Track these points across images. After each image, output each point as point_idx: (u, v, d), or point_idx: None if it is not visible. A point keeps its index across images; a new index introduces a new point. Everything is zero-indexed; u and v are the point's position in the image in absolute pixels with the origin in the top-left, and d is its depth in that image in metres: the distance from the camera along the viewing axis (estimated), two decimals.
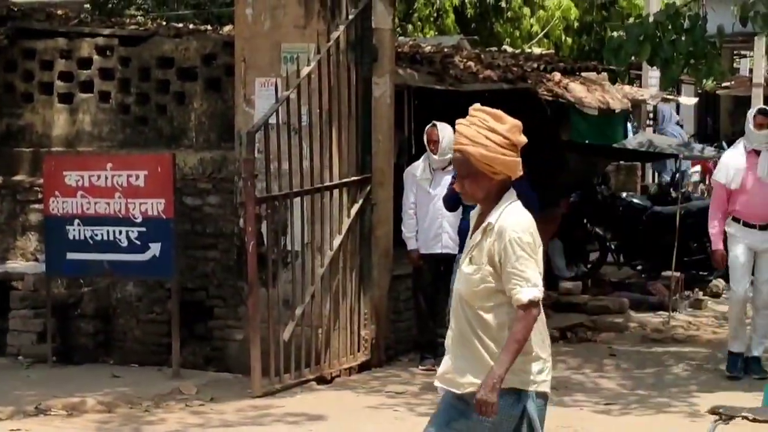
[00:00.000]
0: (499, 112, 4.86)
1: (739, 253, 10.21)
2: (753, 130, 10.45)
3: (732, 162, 10.38)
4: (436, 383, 5.06)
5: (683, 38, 13.63)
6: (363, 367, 11.06)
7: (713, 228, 10.40)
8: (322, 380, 10.89)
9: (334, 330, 10.76)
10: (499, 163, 4.71)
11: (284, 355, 10.69)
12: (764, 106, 10.88)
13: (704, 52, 13.48)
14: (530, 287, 4.62)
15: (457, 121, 4.89)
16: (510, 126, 4.76)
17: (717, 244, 10.40)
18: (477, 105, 5.05)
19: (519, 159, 4.81)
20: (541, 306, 4.74)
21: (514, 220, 4.71)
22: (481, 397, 4.57)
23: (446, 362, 4.93)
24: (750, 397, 9.81)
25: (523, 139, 4.80)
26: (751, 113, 10.81)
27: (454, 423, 4.93)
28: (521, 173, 4.90)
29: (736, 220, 10.21)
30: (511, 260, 4.63)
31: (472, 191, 4.85)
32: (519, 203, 4.87)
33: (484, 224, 4.81)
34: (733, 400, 10.16)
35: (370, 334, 11.09)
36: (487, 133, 4.70)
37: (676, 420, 9.78)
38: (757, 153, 10.24)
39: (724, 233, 10.37)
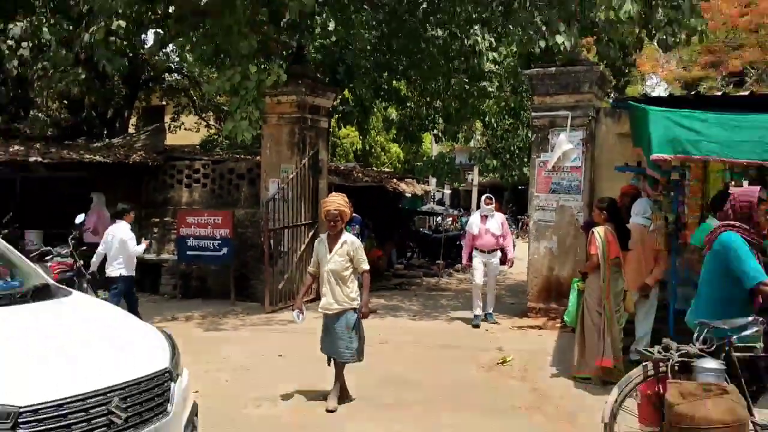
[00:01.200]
0: (343, 194, 5.84)
1: (478, 264, 9.70)
2: (483, 206, 9.91)
3: (475, 222, 9.84)
4: (320, 310, 5.80)
5: (445, 166, 13.93)
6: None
7: (466, 255, 9.98)
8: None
9: (300, 284, 10.67)
10: (348, 216, 5.69)
11: (279, 294, 10.63)
12: (489, 194, 10.59)
13: (454, 171, 13.85)
14: (366, 263, 5.76)
15: (333, 199, 5.71)
16: (347, 200, 5.74)
17: (467, 260, 10.00)
18: (334, 192, 6.19)
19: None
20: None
21: (354, 238, 5.85)
22: (365, 310, 5.76)
23: (324, 302, 5.74)
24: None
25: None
26: (483, 198, 10.24)
27: (331, 330, 5.72)
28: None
29: (476, 248, 9.71)
30: (360, 253, 5.69)
31: (338, 227, 5.65)
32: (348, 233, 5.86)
33: (341, 240, 5.63)
34: (461, 314, 10.32)
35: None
36: (346, 203, 5.68)
37: (441, 324, 9.84)
38: (486, 216, 9.75)
39: (470, 255, 9.89)
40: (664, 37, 9.65)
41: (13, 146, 11.34)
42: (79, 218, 9.38)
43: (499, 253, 9.89)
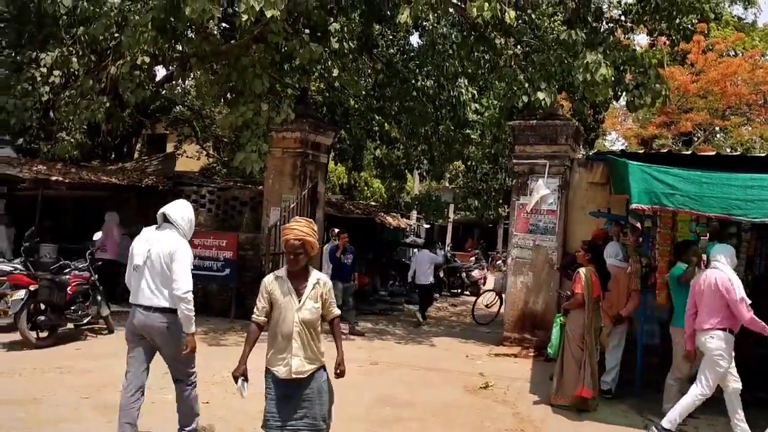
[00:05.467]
0: (311, 219, 4.11)
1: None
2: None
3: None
4: (293, 376, 3.82)
5: (432, 203, 13.98)
6: None
7: (690, 341, 5.75)
8: None
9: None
10: (316, 247, 3.94)
11: None
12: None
13: (438, 208, 13.90)
14: (336, 307, 4.09)
15: (295, 225, 3.90)
16: (316, 228, 4.03)
17: (690, 345, 5.75)
18: (298, 216, 4.13)
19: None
20: None
21: (327, 277, 4.02)
22: (343, 369, 3.98)
23: (296, 364, 3.81)
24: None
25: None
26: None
27: (296, 398, 3.87)
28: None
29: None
30: (331, 296, 3.97)
31: (301, 261, 3.86)
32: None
33: (314, 281, 3.90)
34: (450, 340, 10.28)
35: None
36: (312, 231, 3.89)
37: (425, 348, 9.77)
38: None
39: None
40: (632, 99, 9.87)
41: (36, 165, 11.18)
42: (97, 236, 9.23)
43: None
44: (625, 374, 7.25)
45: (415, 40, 37.74)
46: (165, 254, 4.61)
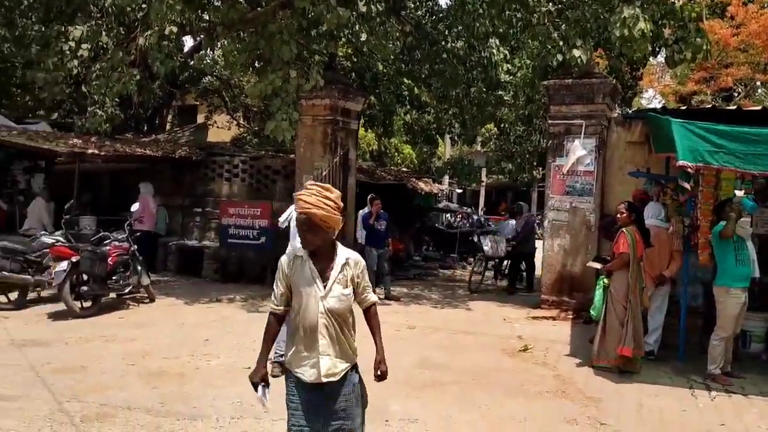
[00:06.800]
0: (328, 185, 3.08)
1: None
2: None
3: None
4: (324, 380, 2.93)
5: (463, 169, 13.79)
6: None
7: None
8: None
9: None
10: (332, 221, 2.94)
11: None
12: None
13: (472, 173, 13.69)
14: (374, 293, 3.26)
15: (301, 195, 2.97)
16: (337, 195, 3.03)
17: None
18: (311, 181, 3.16)
19: (341, 217, 3.02)
20: None
21: (359, 256, 3.12)
22: (385, 369, 3.21)
23: (327, 365, 2.94)
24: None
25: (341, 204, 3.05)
26: None
27: (327, 406, 3.02)
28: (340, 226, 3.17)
29: None
30: (365, 278, 3.10)
31: (311, 240, 2.94)
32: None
33: (341, 261, 3.01)
34: (486, 304, 10.26)
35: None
36: (323, 200, 2.93)
37: (462, 312, 9.73)
38: None
39: None
40: (672, 54, 9.53)
41: (71, 139, 11.34)
42: (134, 207, 9.37)
43: None
44: (667, 336, 7.13)
45: (443, 0, 37.02)
46: None
